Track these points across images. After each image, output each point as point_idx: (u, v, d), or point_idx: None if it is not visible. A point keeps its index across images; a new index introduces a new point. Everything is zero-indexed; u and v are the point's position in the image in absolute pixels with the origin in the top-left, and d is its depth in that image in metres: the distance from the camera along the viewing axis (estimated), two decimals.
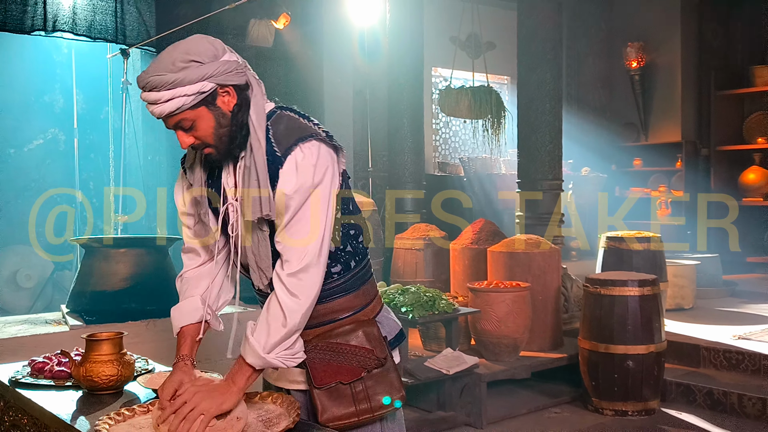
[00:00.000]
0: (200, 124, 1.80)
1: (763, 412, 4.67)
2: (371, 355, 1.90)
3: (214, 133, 1.81)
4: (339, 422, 1.86)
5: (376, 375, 1.90)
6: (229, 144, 1.84)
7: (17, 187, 6.20)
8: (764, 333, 5.70)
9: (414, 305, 4.68)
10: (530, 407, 5.02)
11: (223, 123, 1.81)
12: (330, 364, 1.88)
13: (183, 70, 1.73)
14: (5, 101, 6.15)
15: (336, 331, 1.92)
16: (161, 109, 1.76)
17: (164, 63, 1.75)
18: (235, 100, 1.82)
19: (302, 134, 1.82)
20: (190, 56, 1.75)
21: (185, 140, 1.82)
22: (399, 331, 2.07)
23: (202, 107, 1.78)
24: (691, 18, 9.11)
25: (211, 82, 1.76)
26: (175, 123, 1.80)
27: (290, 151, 1.80)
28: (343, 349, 1.90)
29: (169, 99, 1.74)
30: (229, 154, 1.86)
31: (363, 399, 1.88)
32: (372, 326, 1.94)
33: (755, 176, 8.87)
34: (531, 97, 6.25)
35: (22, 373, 2.42)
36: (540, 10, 6.21)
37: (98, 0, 5.30)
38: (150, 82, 1.74)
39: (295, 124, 1.87)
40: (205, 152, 1.86)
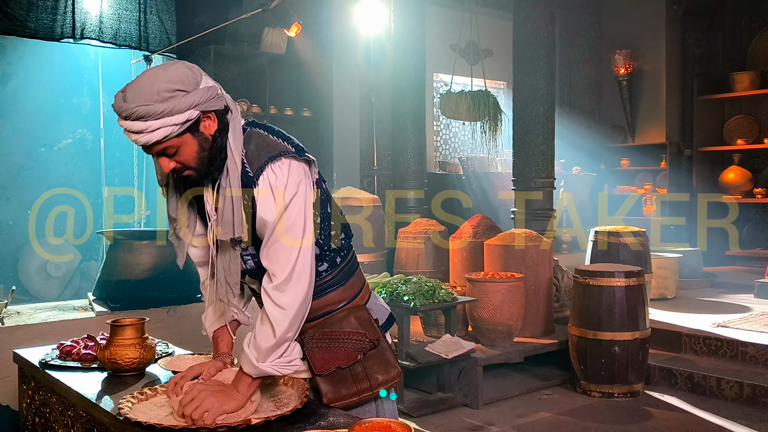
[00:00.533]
0: (184, 149, 1.74)
1: (740, 395, 4.67)
2: (365, 338, 1.91)
3: (196, 157, 1.76)
4: (342, 402, 1.88)
5: (372, 355, 1.91)
6: (209, 166, 1.79)
7: (48, 183, 6.20)
8: (742, 321, 5.69)
9: (415, 294, 4.69)
10: (523, 389, 5.02)
11: (205, 147, 1.76)
12: (327, 351, 1.89)
13: (169, 100, 1.65)
14: (37, 103, 6.16)
15: (330, 320, 1.93)
16: (147, 138, 1.68)
17: (148, 93, 1.65)
18: (216, 124, 1.77)
19: (271, 153, 1.78)
20: (174, 85, 1.67)
21: (168, 165, 1.77)
22: (388, 315, 2.09)
23: (187, 134, 1.72)
24: (675, 27, 9.09)
25: (196, 111, 1.70)
26: (160, 150, 1.73)
27: (261, 171, 1.76)
28: (338, 336, 1.90)
29: (157, 128, 1.66)
30: (207, 175, 1.81)
31: (363, 379, 1.90)
32: (363, 311, 1.96)
33: (735, 175, 8.85)
34: (526, 100, 6.24)
35: (51, 355, 2.43)
36: (534, 20, 6.20)
37: (123, 10, 5.30)
38: (136, 112, 1.64)
39: (264, 141, 1.81)
40: (185, 174, 1.81)
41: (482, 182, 7.87)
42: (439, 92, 8.36)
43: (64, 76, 6.32)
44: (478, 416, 4.55)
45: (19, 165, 6.14)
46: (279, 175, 1.75)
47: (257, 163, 1.77)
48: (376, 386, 1.91)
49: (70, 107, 6.41)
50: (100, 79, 6.45)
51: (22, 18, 4.85)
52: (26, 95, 6.10)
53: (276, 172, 1.76)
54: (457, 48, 7.96)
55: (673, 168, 9.02)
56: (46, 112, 6.26)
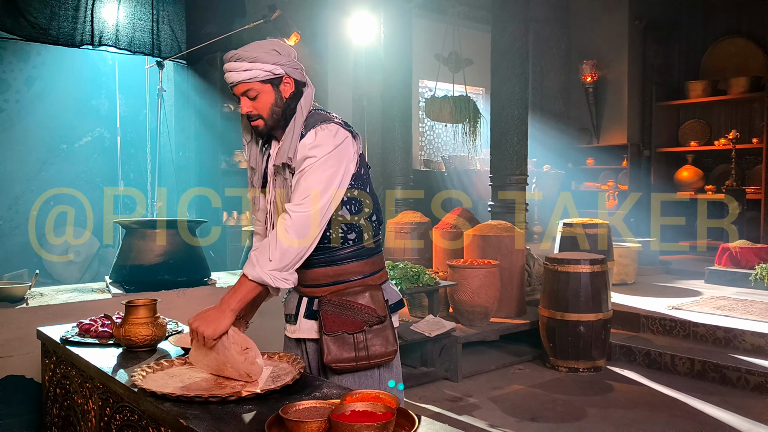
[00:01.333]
0: (263, 97, 1.90)
1: (692, 370, 4.70)
2: (374, 313, 1.94)
3: (270, 108, 1.92)
4: (340, 364, 1.91)
5: (376, 330, 1.94)
6: (277, 121, 1.94)
7: (70, 176, 6.16)
8: (693, 304, 5.72)
9: (402, 279, 4.69)
10: (498, 364, 5.04)
11: (279, 103, 1.93)
12: (339, 317, 1.92)
13: (265, 53, 1.87)
14: (60, 104, 6.10)
15: (348, 290, 1.96)
16: (238, 75, 1.87)
17: (253, 46, 1.90)
18: (292, 89, 1.95)
19: (324, 119, 1.94)
20: (274, 47, 1.90)
21: (246, 106, 1.92)
22: (399, 299, 2.11)
23: (268, 84, 1.90)
24: (637, 40, 9.10)
25: (281, 69, 1.89)
26: (244, 90, 1.90)
27: (313, 128, 1.91)
28: (351, 306, 1.94)
29: (246, 69, 1.86)
30: (272, 129, 1.96)
31: (362, 348, 1.92)
32: (377, 290, 1.98)
33: (688, 174, 8.90)
34: (502, 105, 6.24)
35: (71, 333, 2.41)
36: (510, 33, 6.19)
37: (137, 20, 5.25)
38: (237, 54, 1.87)
39: (323, 115, 1.97)
40: (253, 124, 1.95)
41: (462, 178, 7.88)
42: (425, 97, 8.34)
43: (83, 79, 6.26)
44: (458, 388, 4.56)
45: (43, 160, 6.08)
46: (326, 130, 1.90)
47: (311, 125, 1.92)
48: (373, 357, 1.93)
49: (89, 108, 6.35)
50: (117, 82, 6.39)
51: (45, 26, 4.80)
52: (49, 96, 6.04)
53: (324, 128, 1.91)
54: (441, 57, 7.94)
55: (634, 167, 9.04)
56: (68, 112, 6.20)
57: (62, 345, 2.30)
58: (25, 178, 5.96)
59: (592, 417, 3.99)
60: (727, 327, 4.96)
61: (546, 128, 9.17)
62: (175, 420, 1.56)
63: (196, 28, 5.61)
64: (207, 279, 4.06)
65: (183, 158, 6.27)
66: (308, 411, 1.47)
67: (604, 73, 9.25)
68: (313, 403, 1.51)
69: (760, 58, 8.49)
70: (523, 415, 4.04)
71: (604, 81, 9.27)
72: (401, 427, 1.41)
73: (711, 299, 5.95)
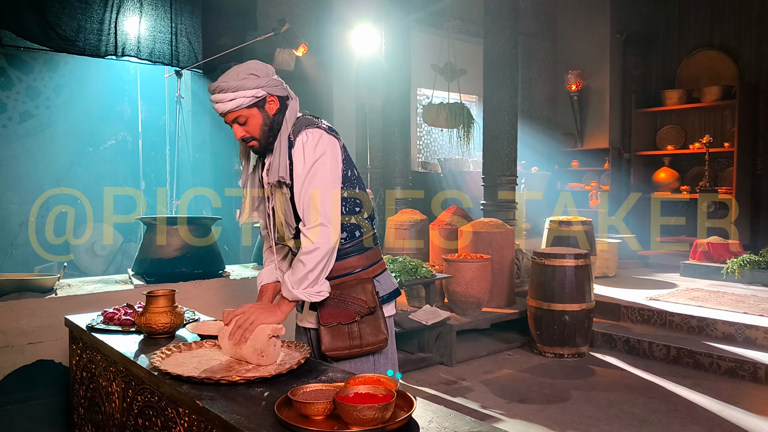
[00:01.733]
0: (251, 120, 1.89)
1: (667, 356, 4.70)
2: (364, 305, 1.95)
3: (260, 128, 1.91)
4: (335, 352, 1.93)
5: (367, 320, 1.95)
6: (269, 138, 1.92)
7: (95, 177, 6.14)
8: (670, 295, 5.72)
9: (401, 272, 4.68)
10: (489, 350, 5.04)
11: (267, 122, 1.91)
12: (335, 309, 1.94)
13: (244, 80, 1.85)
14: (86, 110, 6.09)
15: (344, 284, 1.97)
16: (225, 106, 1.86)
17: (231, 75, 1.87)
18: (277, 105, 1.93)
19: (309, 124, 1.93)
20: (250, 71, 1.88)
21: (239, 132, 1.91)
22: (395, 288, 2.12)
23: (254, 108, 1.89)
24: (617, 52, 9.09)
25: (263, 91, 1.88)
26: (233, 118, 1.89)
27: (298, 133, 1.90)
28: (346, 298, 1.95)
29: (231, 99, 1.85)
30: (267, 146, 1.94)
31: (355, 337, 1.94)
32: (369, 283, 1.99)
33: (665, 175, 8.88)
34: (493, 111, 6.23)
35: (96, 321, 2.41)
36: (501, 45, 6.18)
37: (157, 32, 5.24)
38: (219, 86, 1.86)
39: (307, 119, 1.96)
40: (250, 144, 1.94)
41: (457, 179, 7.86)
42: (422, 104, 8.32)
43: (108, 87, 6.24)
44: (452, 372, 4.56)
45: (71, 162, 6.07)
46: (310, 138, 1.89)
47: (297, 130, 1.92)
48: (365, 345, 1.94)
49: (113, 113, 6.34)
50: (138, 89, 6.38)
51: (72, 38, 4.79)
52: (77, 103, 6.02)
53: (308, 135, 1.89)
54: (437, 67, 7.93)
55: (615, 169, 9.03)
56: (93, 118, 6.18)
57: (88, 332, 2.30)
58: (54, 178, 5.95)
59: (576, 399, 3.99)
60: (700, 316, 4.95)
61: (534, 133, 9.16)
62: (192, 401, 1.56)
63: (211, 39, 5.59)
64: (221, 271, 4.06)
65: (199, 160, 6.27)
66: (315, 393, 1.47)
67: (588, 82, 9.24)
68: (319, 386, 1.51)
69: (731, 68, 8.48)
70: (512, 397, 4.04)
71: (588, 89, 9.26)
72: (400, 408, 1.41)
73: (686, 291, 5.95)
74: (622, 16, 9.01)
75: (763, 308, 5.09)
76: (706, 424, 3.58)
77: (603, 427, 3.53)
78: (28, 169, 5.83)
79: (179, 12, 5.35)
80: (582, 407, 3.84)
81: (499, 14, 6.18)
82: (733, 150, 8.05)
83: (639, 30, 9.13)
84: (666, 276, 6.89)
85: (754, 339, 4.63)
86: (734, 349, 4.52)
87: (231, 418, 1.43)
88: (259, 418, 1.42)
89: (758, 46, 8.24)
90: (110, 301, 3.42)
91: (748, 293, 5.76)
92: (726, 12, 8.56)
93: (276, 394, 1.56)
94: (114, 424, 2.09)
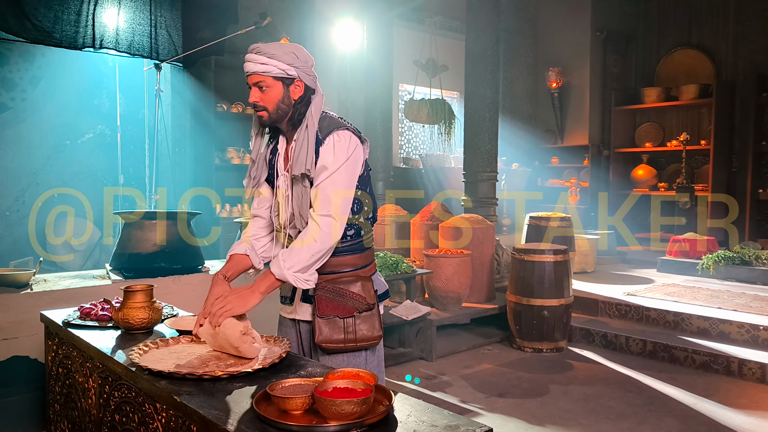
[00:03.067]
0: (271, 91, 1.91)
1: (644, 350, 4.77)
2: (364, 301, 1.97)
3: (276, 103, 1.92)
4: (329, 344, 1.94)
5: (364, 316, 1.97)
6: (280, 117, 1.94)
7: (72, 171, 6.05)
8: (646, 291, 5.80)
9: (382, 267, 4.69)
10: (469, 345, 5.07)
11: (286, 102, 1.93)
12: (332, 302, 1.95)
13: (284, 54, 1.89)
14: (63, 103, 5.99)
15: (342, 279, 1.98)
16: (254, 67, 1.89)
17: (275, 45, 1.91)
18: (301, 93, 1.95)
19: (339, 125, 1.94)
20: (293, 50, 1.92)
21: (254, 95, 1.93)
22: (386, 289, 2.15)
23: (280, 82, 1.91)
24: (598, 51, 9.17)
25: (295, 72, 1.90)
26: (257, 81, 1.91)
27: (329, 134, 1.91)
28: (344, 293, 1.96)
29: (263, 63, 1.88)
30: (274, 122, 1.96)
31: (351, 331, 1.95)
32: (368, 281, 2.01)
33: (643, 172, 8.99)
34: (475, 108, 6.25)
35: (73, 316, 2.38)
36: (483, 41, 6.20)
37: (136, 24, 5.17)
38: (258, 48, 1.89)
39: (335, 121, 1.97)
40: (259, 113, 1.95)
41: (438, 175, 7.88)
42: (404, 99, 8.32)
43: (85, 79, 6.14)
44: (432, 367, 4.58)
45: (48, 155, 5.97)
46: (342, 139, 1.91)
47: (327, 130, 1.93)
48: (360, 340, 1.96)
49: (91, 106, 6.24)
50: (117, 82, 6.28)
51: (49, 29, 4.70)
52: (53, 95, 5.92)
53: (340, 136, 1.91)
54: (419, 63, 7.93)
55: (594, 165, 9.12)
56: (71, 110, 6.08)
57: (64, 327, 2.27)
58: (31, 171, 5.85)
59: (554, 393, 4.03)
60: (676, 311, 5.03)
61: (515, 129, 9.21)
62: (170, 396, 1.55)
63: (191, 33, 5.53)
64: (201, 267, 4.03)
65: (179, 154, 6.21)
66: (293, 388, 1.47)
67: (568, 80, 9.31)
68: (298, 380, 1.50)
69: (708, 67, 8.60)
70: (491, 391, 4.07)
71: (568, 87, 9.33)
72: (379, 402, 1.41)
73: (662, 286, 6.03)
74: (603, 14, 9.10)
75: (736, 303, 5.19)
76: (680, 417, 3.64)
77: (580, 421, 3.58)
78: (4, 163, 5.73)
79: (159, 4, 5.29)
80: (560, 401, 3.88)
81: (481, 11, 6.19)
82: (709, 148, 8.18)
83: (619, 28, 9.22)
84: (643, 272, 6.98)
85: (728, 333, 4.71)
86: (708, 344, 4.60)
87: (209, 413, 1.42)
88: (238, 414, 1.42)
89: (735, 45, 8.37)
90: (87, 297, 3.38)
91: (722, 289, 5.85)
92: (704, 11, 8.67)
93: (255, 389, 1.56)
94: (90, 420, 2.07)
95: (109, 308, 2.33)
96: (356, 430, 1.30)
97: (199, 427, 1.46)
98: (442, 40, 8.08)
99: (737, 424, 3.54)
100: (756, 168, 7.91)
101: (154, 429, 1.66)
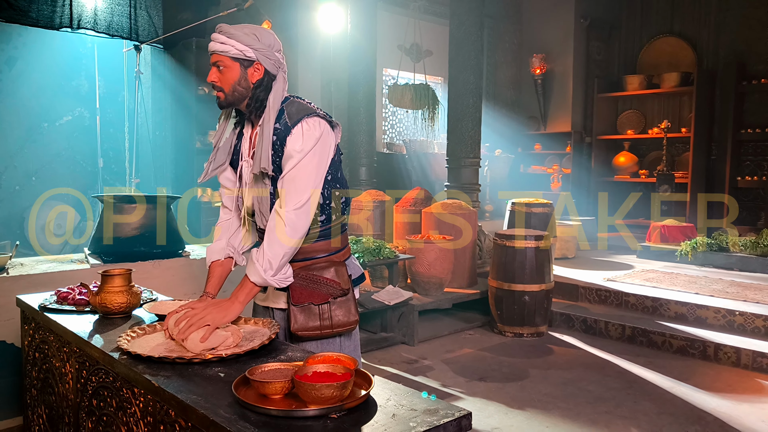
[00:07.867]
0: (228, 72, 1.87)
1: (623, 335, 4.82)
2: (338, 287, 1.93)
3: (232, 85, 1.88)
4: (305, 332, 1.91)
5: (339, 302, 1.93)
6: (236, 99, 1.90)
7: (50, 154, 5.95)
8: (626, 276, 5.86)
9: (364, 252, 4.68)
10: (451, 330, 5.09)
11: (243, 84, 1.88)
12: (306, 289, 1.91)
13: (244, 35, 1.85)
14: (41, 84, 5.87)
15: (315, 266, 1.95)
16: (213, 45, 1.87)
17: (238, 26, 1.88)
18: (260, 76, 1.89)
19: (308, 112, 1.89)
20: (254, 32, 1.87)
21: (212, 76, 1.90)
22: (361, 273, 2.11)
23: (237, 63, 1.87)
24: (581, 38, 9.18)
25: (253, 54, 1.86)
26: (215, 61, 1.88)
27: (298, 122, 1.86)
28: (318, 279, 1.93)
29: (222, 42, 1.85)
30: (230, 104, 1.92)
31: (326, 318, 1.92)
32: (342, 266, 1.98)
33: (625, 159, 9.06)
34: (458, 93, 6.24)
35: (50, 300, 2.34)
36: (467, 27, 6.17)
37: (116, 5, 5.07)
38: (222, 28, 1.87)
39: (303, 106, 1.92)
40: (216, 94, 1.92)
41: (422, 161, 7.87)
42: (388, 84, 8.28)
43: (63, 60, 6.02)
44: (414, 352, 4.60)
45: (25, 137, 5.86)
46: (311, 126, 1.85)
47: (296, 117, 1.87)
48: (336, 326, 1.93)
49: (70, 88, 6.13)
50: (96, 64, 6.17)
51: (24, 8, 4.59)
52: (30, 77, 5.80)
53: (309, 124, 1.86)
54: (403, 48, 7.88)
55: (576, 152, 9.16)
56: (48, 92, 5.97)
57: (41, 312, 2.23)
58: (8, 154, 5.74)
59: (534, 377, 4.07)
60: (654, 297, 5.09)
61: (498, 116, 9.22)
62: (147, 381, 1.53)
63: (172, 14, 5.44)
64: (181, 251, 3.99)
65: (159, 137, 6.12)
66: (273, 372, 1.45)
67: (552, 67, 9.32)
68: (277, 365, 1.49)
69: (690, 56, 8.65)
70: (472, 375, 4.10)
71: (552, 73, 9.34)
72: (358, 386, 1.41)
73: (641, 272, 6.10)
74: (586, 1, 9.10)
75: (713, 289, 5.26)
76: (657, 400, 3.70)
77: (560, 404, 3.62)
78: None
79: None
80: (540, 385, 3.92)
81: None
82: (689, 135, 8.25)
83: (602, 15, 9.23)
84: (623, 258, 7.05)
85: (705, 318, 4.78)
86: (686, 329, 4.67)
87: (187, 398, 1.40)
88: (216, 398, 1.40)
89: (716, 34, 8.42)
90: (65, 281, 3.33)
91: (700, 275, 5.94)
92: (686, 0, 8.70)
93: (234, 373, 1.55)
94: (68, 405, 2.05)
95: (87, 293, 2.30)
96: (335, 414, 1.30)
97: (177, 412, 1.44)
98: (426, 25, 8.03)
99: (713, 407, 3.60)
100: (735, 156, 8.00)
101: (132, 413, 1.65)
